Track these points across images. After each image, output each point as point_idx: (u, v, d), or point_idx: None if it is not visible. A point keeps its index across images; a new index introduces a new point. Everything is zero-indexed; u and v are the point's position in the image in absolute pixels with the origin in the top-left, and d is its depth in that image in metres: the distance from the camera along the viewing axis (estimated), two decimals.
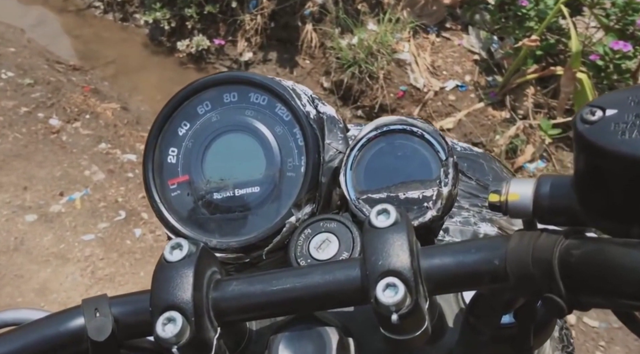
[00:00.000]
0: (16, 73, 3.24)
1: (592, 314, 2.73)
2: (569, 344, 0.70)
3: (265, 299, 0.49)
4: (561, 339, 0.70)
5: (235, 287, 0.49)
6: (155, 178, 0.66)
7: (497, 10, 3.32)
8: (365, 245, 0.46)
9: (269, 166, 0.64)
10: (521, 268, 0.43)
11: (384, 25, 3.35)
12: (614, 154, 0.38)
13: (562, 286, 0.41)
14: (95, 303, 0.51)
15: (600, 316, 2.73)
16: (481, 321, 0.52)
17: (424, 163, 0.61)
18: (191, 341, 0.46)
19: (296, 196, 0.62)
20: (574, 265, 0.41)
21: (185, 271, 0.48)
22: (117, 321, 0.50)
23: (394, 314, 0.44)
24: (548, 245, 0.42)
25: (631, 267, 0.37)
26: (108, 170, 2.77)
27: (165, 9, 3.77)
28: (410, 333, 0.46)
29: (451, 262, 0.46)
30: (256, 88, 0.65)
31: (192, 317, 0.47)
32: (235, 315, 0.50)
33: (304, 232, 0.60)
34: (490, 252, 0.45)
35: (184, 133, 0.67)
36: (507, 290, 0.46)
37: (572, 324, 2.71)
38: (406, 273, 0.44)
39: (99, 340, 0.49)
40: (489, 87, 3.29)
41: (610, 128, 0.39)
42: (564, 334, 0.70)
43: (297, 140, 0.63)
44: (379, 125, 0.62)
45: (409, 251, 0.45)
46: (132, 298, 0.52)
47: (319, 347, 0.50)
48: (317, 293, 0.48)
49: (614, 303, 0.41)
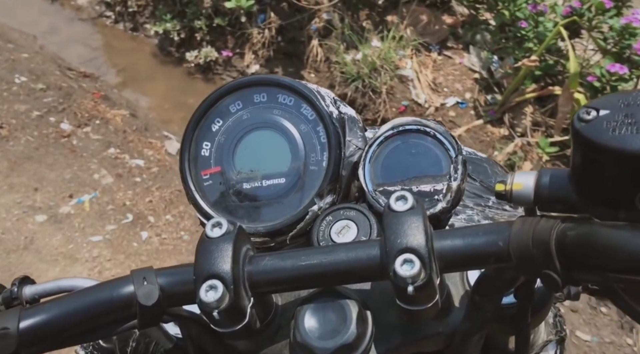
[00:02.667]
0: (29, 78, 3.32)
1: (584, 329, 2.79)
2: (562, 329, 0.76)
3: (294, 273, 0.54)
4: (555, 325, 0.76)
5: (267, 262, 0.55)
6: (190, 168, 0.72)
7: (498, 31, 3.42)
8: (385, 226, 0.51)
9: (294, 160, 0.70)
10: (522, 249, 0.48)
11: (387, 42, 3.45)
12: (605, 148, 0.44)
13: (558, 264, 0.46)
14: (143, 273, 0.57)
15: (593, 331, 2.79)
16: (485, 299, 0.57)
17: (436, 160, 0.67)
18: (229, 307, 0.52)
19: (318, 187, 0.68)
20: (568, 245, 0.46)
21: (224, 245, 0.53)
22: (162, 290, 0.55)
23: (410, 286, 0.48)
24: (546, 228, 0.48)
25: (617, 245, 0.43)
26: (116, 174, 2.84)
27: (176, 20, 3.86)
28: (422, 304, 0.51)
29: (461, 243, 0.51)
30: (284, 89, 0.71)
31: (231, 285, 0.52)
32: (267, 287, 0.55)
33: (325, 219, 0.66)
34: (496, 235, 0.50)
35: (217, 129, 0.73)
36: (510, 269, 0.52)
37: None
38: (421, 251, 0.49)
39: (147, 305, 0.54)
40: (488, 105, 3.37)
41: (603, 126, 0.45)
42: (557, 321, 0.76)
43: (320, 138, 0.69)
44: (396, 125, 0.68)
45: (424, 232, 0.50)
46: (175, 270, 0.58)
47: (341, 317, 0.55)
48: (340, 269, 0.53)
49: (602, 277, 0.46)
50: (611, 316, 2.80)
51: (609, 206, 0.47)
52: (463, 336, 0.59)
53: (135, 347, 0.95)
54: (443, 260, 0.51)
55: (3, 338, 0.52)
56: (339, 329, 0.55)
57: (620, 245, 0.43)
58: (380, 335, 0.57)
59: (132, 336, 0.96)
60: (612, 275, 0.45)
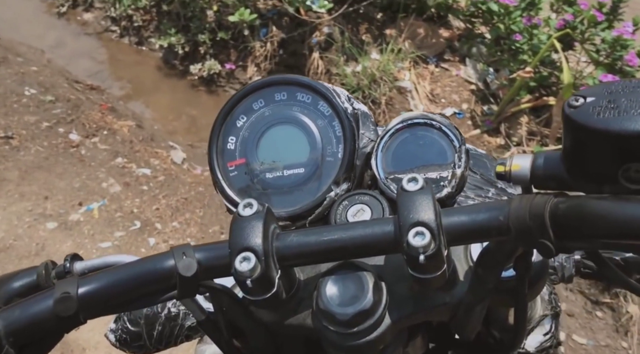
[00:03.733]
0: (38, 90, 3.40)
1: (580, 332, 2.84)
2: (556, 305, 0.82)
3: (316, 247, 0.59)
4: (550, 302, 0.81)
5: (293, 238, 0.60)
6: (218, 160, 0.78)
7: (493, 44, 3.51)
8: (399, 204, 0.56)
9: (312, 152, 0.76)
10: (520, 222, 0.53)
11: (386, 55, 3.54)
12: (591, 129, 0.51)
13: (552, 233, 0.51)
14: (182, 248, 0.62)
15: (589, 334, 2.84)
16: (487, 272, 0.61)
17: (441, 150, 0.73)
18: (260, 277, 0.57)
19: (335, 176, 0.74)
20: (560, 216, 0.51)
21: (255, 223, 0.59)
22: (199, 263, 0.60)
23: (422, 256, 0.53)
24: (541, 203, 0.53)
25: (603, 214, 0.48)
26: (124, 183, 2.91)
27: (180, 34, 3.95)
28: (432, 273, 0.56)
29: (466, 219, 0.56)
30: (303, 88, 0.78)
31: (262, 257, 0.57)
32: (293, 260, 0.60)
33: (342, 203, 0.72)
34: (497, 211, 0.55)
35: (242, 124, 0.79)
36: (509, 242, 0.56)
37: (562, 341, 2.82)
38: (431, 224, 0.54)
39: (187, 275, 0.60)
40: (484, 115, 3.45)
41: (589, 111, 0.52)
42: (552, 298, 0.82)
43: (336, 131, 0.75)
44: (405, 118, 0.75)
45: (433, 208, 0.55)
46: (211, 246, 0.63)
47: (359, 286, 0.60)
48: (358, 243, 0.58)
49: (590, 243, 0.52)
50: (606, 320, 2.86)
51: (595, 182, 0.54)
52: (467, 306, 0.63)
53: (161, 331, 1.02)
54: (450, 233, 0.56)
55: (65, 300, 0.57)
56: (358, 296, 0.60)
57: (605, 213, 0.48)
58: (393, 304, 0.62)
59: (158, 321, 1.02)
60: (599, 240, 0.50)
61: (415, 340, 0.72)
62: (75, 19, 4.41)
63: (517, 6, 3.29)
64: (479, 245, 0.63)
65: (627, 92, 0.52)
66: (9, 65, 3.60)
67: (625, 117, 0.50)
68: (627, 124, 0.50)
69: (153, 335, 1.01)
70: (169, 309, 1.01)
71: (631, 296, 2.84)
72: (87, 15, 4.43)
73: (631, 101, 0.51)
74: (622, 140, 0.50)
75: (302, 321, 0.64)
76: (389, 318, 0.61)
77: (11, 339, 0.57)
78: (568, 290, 2.94)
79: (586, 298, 2.91)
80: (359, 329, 0.59)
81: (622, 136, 0.50)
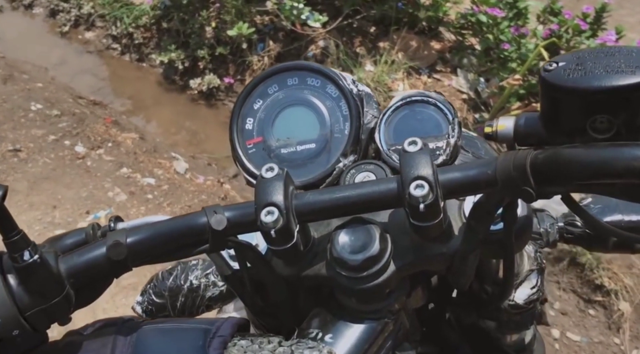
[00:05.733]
0: (44, 105, 3.49)
1: (574, 330, 2.92)
2: (541, 262, 0.88)
3: (330, 204, 0.66)
4: (535, 259, 0.89)
5: (309, 196, 0.67)
6: (238, 139, 0.86)
7: (483, 55, 3.61)
8: (401, 163, 0.63)
9: (321, 129, 0.83)
10: (506, 173, 0.60)
11: (380, 66, 3.64)
12: (562, 88, 0.59)
13: (532, 181, 0.58)
14: (213, 207, 0.68)
15: (582, 332, 2.90)
16: (478, 223, 0.66)
17: (437, 123, 0.80)
18: (282, 229, 0.63)
19: (342, 149, 0.81)
20: (539, 165, 0.58)
21: (277, 183, 0.66)
22: (229, 220, 0.66)
23: (422, 204, 0.60)
24: (523, 156, 0.59)
25: (575, 160, 0.55)
26: (129, 192, 2.99)
27: (180, 50, 4.05)
28: (430, 221, 0.63)
29: (459, 174, 0.63)
30: (312, 73, 0.85)
31: (284, 211, 0.63)
32: (309, 216, 0.67)
33: (350, 172, 0.79)
34: (485, 166, 0.62)
35: (258, 107, 0.86)
36: (497, 193, 0.63)
37: (556, 338, 2.89)
38: (430, 178, 0.61)
39: (218, 229, 0.65)
40: (476, 123, 3.53)
41: (561, 73, 0.60)
42: (537, 256, 0.89)
43: (343, 111, 0.83)
44: (404, 96, 0.82)
45: (431, 165, 0.62)
46: (238, 205, 0.69)
47: (367, 237, 0.68)
48: (366, 199, 0.64)
49: (565, 187, 0.59)
50: (599, 317, 2.93)
51: (568, 135, 0.62)
52: (461, 256, 0.70)
53: (184, 302, 1.10)
54: (445, 187, 0.63)
55: (117, 246, 0.64)
56: (366, 245, 0.66)
57: (577, 159, 0.55)
58: (397, 253, 0.68)
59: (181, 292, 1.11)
60: (572, 183, 0.58)
61: (416, 290, 0.79)
62: (77, 37, 4.52)
63: (505, 16, 3.41)
64: (471, 203, 0.68)
65: (592, 57, 0.61)
66: (15, 82, 3.70)
67: (590, 76, 0.59)
68: (592, 81, 0.58)
69: (176, 306, 1.08)
70: (191, 282, 1.09)
71: (622, 294, 2.92)
72: (88, 34, 4.54)
73: (595, 64, 0.60)
74: (588, 95, 0.59)
75: (318, 271, 0.70)
76: (393, 265, 0.67)
77: (72, 281, 0.64)
78: (561, 289, 3.02)
79: (579, 297, 2.98)
80: (367, 274, 0.66)
81: (588, 91, 0.59)
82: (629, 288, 2.88)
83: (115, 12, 4.50)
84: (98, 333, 0.69)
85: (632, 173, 0.53)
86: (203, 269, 1.10)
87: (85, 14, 4.67)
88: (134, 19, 4.38)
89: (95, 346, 0.66)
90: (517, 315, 0.90)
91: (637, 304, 2.87)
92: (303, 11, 3.65)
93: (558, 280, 3.00)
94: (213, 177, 3.29)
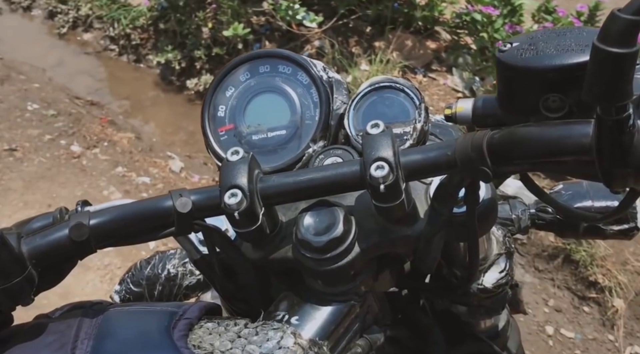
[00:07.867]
0: (40, 105, 3.52)
1: (568, 327, 2.92)
2: (510, 246, 0.89)
3: (295, 186, 0.67)
4: (504, 243, 0.90)
5: (274, 179, 0.68)
6: (210, 126, 0.86)
7: (478, 54, 3.62)
8: (364, 145, 0.65)
9: (292, 115, 0.84)
10: (464, 154, 0.60)
11: (375, 66, 3.64)
12: (516, 67, 0.61)
13: (489, 160, 0.59)
14: (179, 191, 0.69)
15: (576, 329, 2.90)
16: (441, 204, 0.67)
17: (404, 108, 0.81)
18: (246, 210, 0.64)
19: (312, 135, 0.82)
20: (495, 145, 0.59)
21: (242, 166, 0.67)
22: (194, 203, 0.67)
23: (382, 185, 0.61)
24: (480, 136, 0.60)
25: (529, 138, 0.57)
26: (124, 191, 3.01)
27: (176, 50, 4.07)
28: (391, 201, 0.64)
29: (420, 156, 0.64)
30: (283, 60, 0.86)
31: (247, 193, 0.64)
32: (275, 198, 0.68)
33: (319, 157, 0.80)
34: (445, 148, 0.63)
35: (230, 94, 0.87)
36: (457, 173, 0.64)
37: (550, 335, 2.89)
38: (390, 159, 0.62)
39: (183, 211, 0.67)
40: None
41: (514, 53, 0.62)
42: (506, 240, 0.90)
43: (313, 97, 0.84)
44: (372, 82, 0.83)
45: (392, 147, 0.63)
46: (204, 189, 0.70)
47: (331, 218, 0.68)
48: (330, 181, 0.66)
49: (521, 165, 0.60)
50: (593, 314, 2.93)
51: (522, 114, 0.63)
52: (426, 238, 0.70)
53: (161, 290, 1.10)
54: (407, 168, 0.64)
55: (79, 227, 0.65)
56: (330, 226, 0.67)
57: (530, 138, 0.56)
58: (362, 235, 0.69)
59: (158, 281, 1.11)
60: (527, 161, 0.58)
61: (383, 274, 0.79)
62: (75, 39, 4.55)
63: (500, 14, 3.43)
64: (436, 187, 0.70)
65: (544, 38, 0.63)
66: (12, 83, 3.73)
67: (542, 55, 0.61)
68: (543, 60, 0.60)
69: (154, 295, 1.08)
70: (169, 271, 1.10)
71: (617, 291, 2.92)
72: (86, 35, 4.58)
73: (547, 44, 0.62)
74: (539, 75, 0.60)
75: (284, 254, 0.71)
76: (357, 246, 0.68)
77: (34, 262, 0.64)
78: (556, 286, 3.03)
79: (573, 294, 2.99)
80: (332, 255, 0.67)
81: (540, 71, 0.60)
82: (623, 285, 2.88)
83: (112, 13, 4.53)
84: (66, 315, 0.69)
85: (582, 150, 0.53)
86: (181, 258, 1.11)
87: (83, 16, 4.70)
88: (131, 20, 4.40)
89: (61, 327, 0.67)
90: (487, 299, 0.90)
91: (631, 301, 2.88)
92: (299, 11, 3.68)
93: (552, 277, 3.01)
94: (208, 176, 3.31)
